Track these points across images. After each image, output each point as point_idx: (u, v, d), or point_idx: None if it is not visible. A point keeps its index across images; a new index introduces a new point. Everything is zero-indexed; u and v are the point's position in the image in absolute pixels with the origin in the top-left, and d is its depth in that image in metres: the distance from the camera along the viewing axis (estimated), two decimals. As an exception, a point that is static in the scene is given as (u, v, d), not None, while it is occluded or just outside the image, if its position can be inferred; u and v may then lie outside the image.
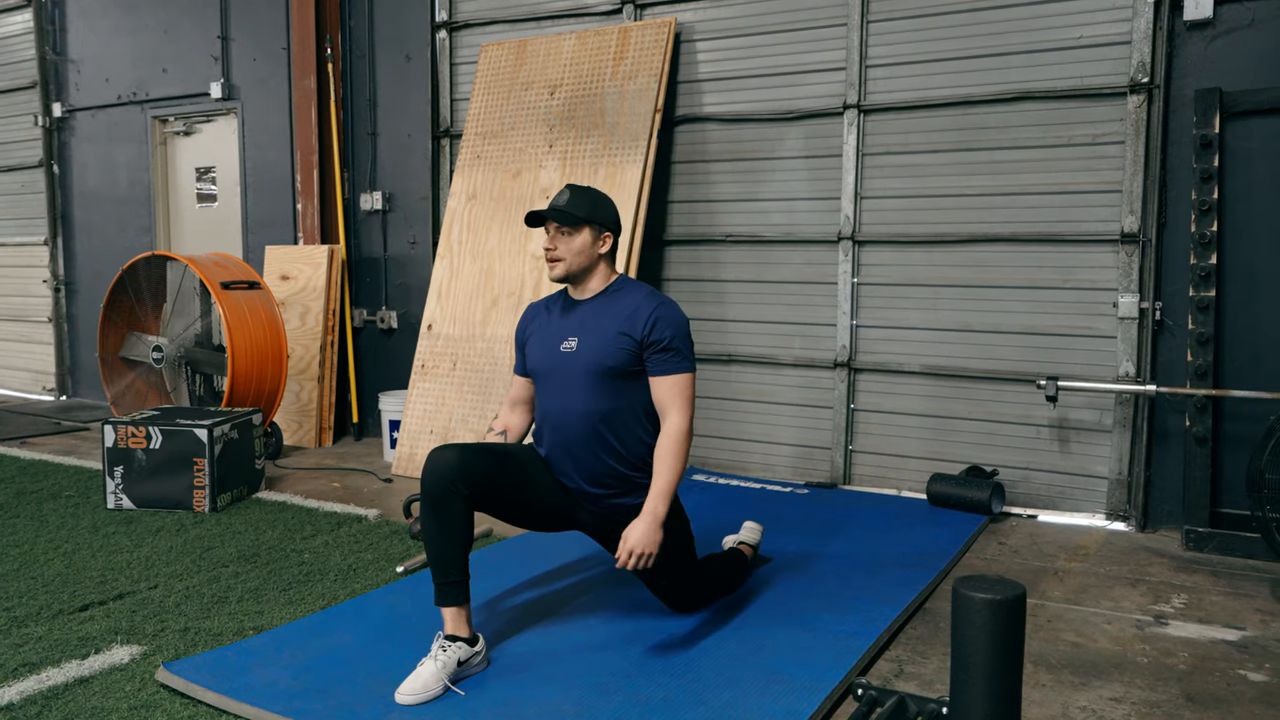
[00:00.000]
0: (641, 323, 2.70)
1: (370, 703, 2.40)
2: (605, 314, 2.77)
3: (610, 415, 2.72)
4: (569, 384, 2.75)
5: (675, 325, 2.73)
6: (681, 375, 2.71)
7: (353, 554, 3.67)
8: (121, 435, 4.26)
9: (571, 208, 2.75)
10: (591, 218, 2.77)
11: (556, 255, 2.77)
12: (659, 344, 2.70)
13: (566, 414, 2.75)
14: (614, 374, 2.72)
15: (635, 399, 2.74)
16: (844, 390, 4.74)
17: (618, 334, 2.72)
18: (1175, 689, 2.61)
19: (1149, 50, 4.02)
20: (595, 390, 2.72)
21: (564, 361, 2.77)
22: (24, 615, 3.02)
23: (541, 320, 2.91)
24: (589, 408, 2.72)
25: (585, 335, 2.76)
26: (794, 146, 4.82)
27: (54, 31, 7.44)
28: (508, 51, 5.41)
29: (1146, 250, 4.08)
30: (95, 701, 2.44)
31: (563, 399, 2.76)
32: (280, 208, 6.36)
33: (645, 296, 2.79)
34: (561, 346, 2.79)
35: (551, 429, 2.80)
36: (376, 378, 6.03)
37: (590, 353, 2.73)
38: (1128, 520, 4.15)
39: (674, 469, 2.63)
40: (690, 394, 2.72)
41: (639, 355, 2.72)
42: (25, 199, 7.73)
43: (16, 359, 7.97)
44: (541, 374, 2.84)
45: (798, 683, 2.51)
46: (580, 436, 2.73)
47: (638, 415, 2.75)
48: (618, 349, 2.71)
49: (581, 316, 2.81)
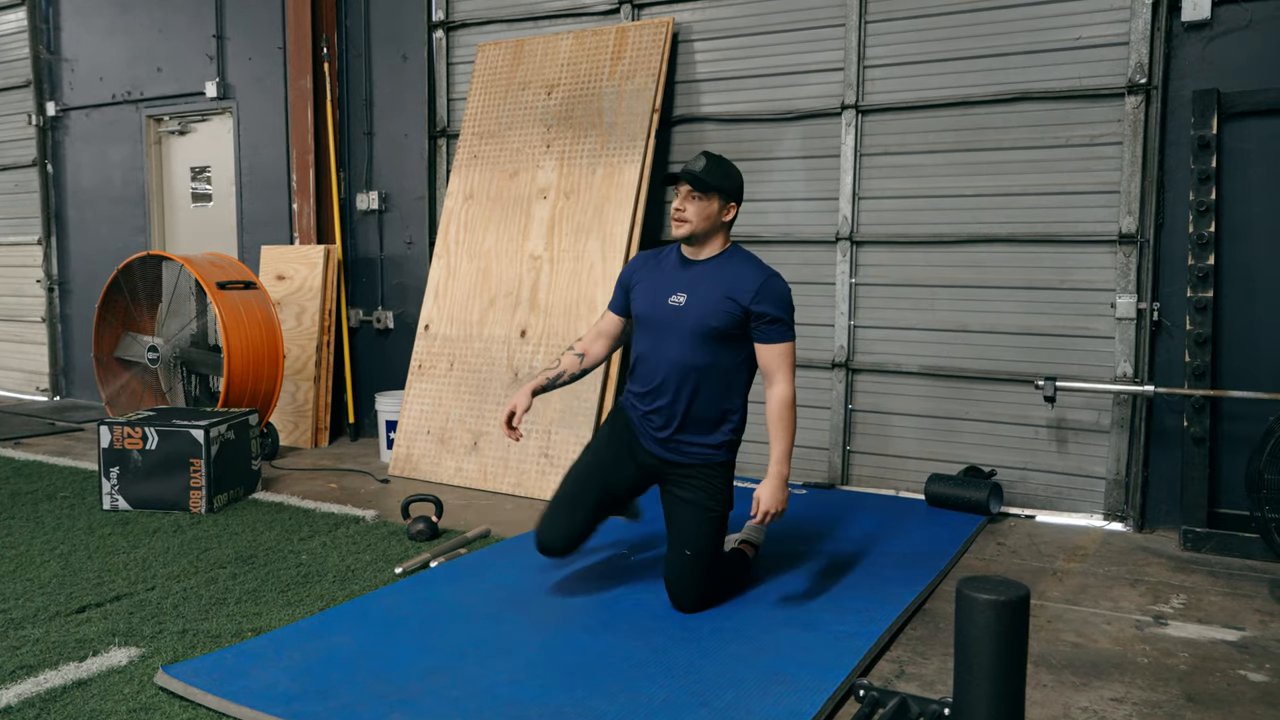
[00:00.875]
0: (751, 292, 2.91)
1: (371, 704, 2.38)
2: (716, 278, 2.97)
3: (703, 370, 2.96)
4: (670, 335, 2.99)
5: (781, 297, 2.94)
6: (786, 344, 2.95)
7: (351, 555, 3.66)
8: (118, 436, 4.24)
9: (706, 174, 2.95)
10: (722, 186, 2.98)
11: (685, 216, 2.97)
12: (765, 316, 2.91)
13: (662, 361, 3.00)
14: (715, 334, 2.93)
15: (728, 359, 2.98)
16: (842, 391, 4.74)
17: (725, 298, 2.92)
18: (1176, 689, 2.61)
19: (1147, 51, 4.02)
20: (694, 346, 2.95)
21: (670, 314, 2.99)
22: (20, 617, 3.01)
23: (652, 269, 3.14)
24: (685, 360, 2.96)
25: (694, 294, 2.97)
26: (792, 147, 4.82)
27: (48, 30, 7.41)
28: (505, 51, 5.40)
29: (1144, 251, 4.08)
30: (94, 704, 2.42)
31: (662, 347, 3.01)
32: (276, 207, 6.34)
33: (755, 267, 2.99)
34: (670, 300, 3.00)
35: (646, 370, 3.07)
36: (373, 378, 6.02)
37: (696, 311, 2.95)
38: (1126, 521, 4.16)
39: (788, 432, 2.94)
40: (793, 360, 2.97)
41: (743, 321, 2.93)
42: (19, 198, 7.69)
43: (10, 359, 7.93)
44: (645, 321, 3.08)
45: (800, 683, 2.50)
46: (674, 382, 2.98)
47: (727, 375, 2.99)
48: (723, 312, 2.92)
49: (693, 276, 3.01)
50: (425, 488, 4.69)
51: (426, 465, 5.01)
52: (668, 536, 3.08)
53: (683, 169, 2.97)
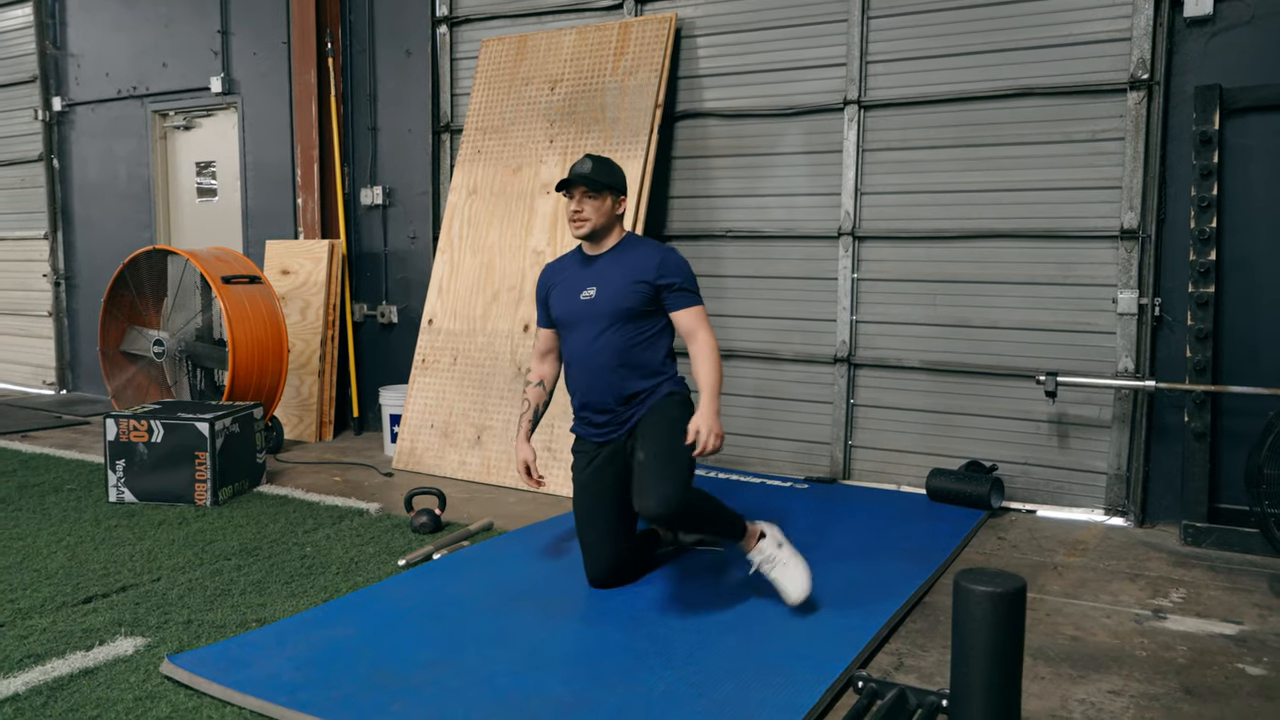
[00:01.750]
0: (654, 269, 3.14)
1: (372, 693, 2.41)
2: (619, 265, 3.20)
3: (627, 346, 3.15)
4: (589, 326, 3.18)
5: (682, 267, 3.19)
6: (697, 306, 3.17)
7: (354, 547, 3.68)
8: (123, 429, 4.27)
9: (597, 174, 3.17)
10: (612, 183, 3.20)
11: (584, 216, 3.18)
12: (673, 285, 3.14)
13: (590, 350, 3.18)
14: (629, 314, 3.15)
15: (645, 331, 3.18)
16: (844, 385, 4.75)
17: (633, 281, 3.14)
18: (1174, 682, 2.62)
19: (1149, 47, 4.03)
20: (612, 328, 3.15)
21: (585, 308, 3.19)
22: (28, 607, 3.04)
23: (560, 275, 3.34)
24: (609, 342, 3.15)
25: (603, 284, 3.18)
26: (794, 142, 4.83)
27: (54, 25, 7.44)
28: (508, 47, 5.41)
29: (1146, 246, 4.09)
30: (100, 693, 2.45)
31: (584, 340, 3.19)
32: (281, 202, 6.36)
33: (652, 247, 3.24)
34: (581, 295, 3.20)
35: (579, 366, 3.24)
36: (377, 372, 6.04)
37: (608, 299, 3.16)
38: (1126, 515, 4.17)
39: (714, 371, 3.08)
40: (707, 319, 3.18)
41: (654, 296, 3.15)
42: (25, 193, 7.73)
43: (17, 353, 7.97)
44: (566, 322, 3.27)
45: (798, 675, 2.52)
46: (605, 365, 3.16)
47: (650, 341, 3.19)
48: (633, 293, 3.14)
49: (598, 269, 3.22)
50: (429, 481, 4.71)
51: (430, 459, 5.04)
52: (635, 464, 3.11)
53: (572, 173, 3.17)
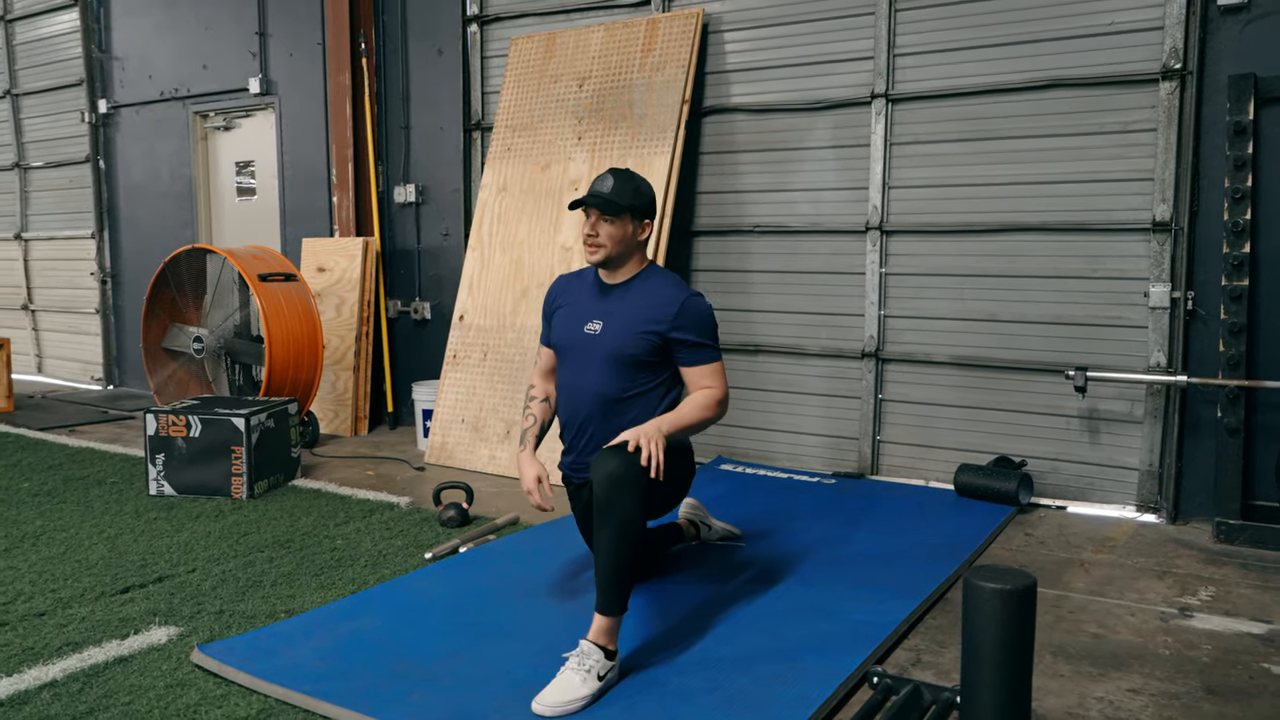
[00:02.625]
0: (669, 319, 2.77)
1: (393, 684, 2.47)
2: (633, 303, 2.85)
3: (621, 397, 2.84)
4: (587, 364, 2.87)
5: (701, 320, 2.80)
6: (712, 364, 2.81)
7: (383, 540, 3.75)
8: (163, 424, 4.38)
9: (616, 195, 2.79)
10: (634, 205, 2.82)
11: (598, 241, 2.81)
12: (686, 342, 2.78)
13: (581, 390, 2.88)
14: (632, 361, 2.81)
15: (648, 382, 2.84)
16: (871, 380, 4.74)
17: (643, 326, 2.80)
18: (1195, 681, 2.60)
19: (1182, 36, 3.96)
20: (611, 374, 2.83)
21: (586, 342, 2.88)
22: (69, 597, 3.14)
23: (570, 295, 3.02)
24: (603, 390, 2.84)
25: (610, 321, 2.86)
26: (822, 136, 4.81)
27: (99, 29, 7.62)
28: (537, 44, 5.45)
29: (1179, 239, 4.02)
30: (133, 680, 2.54)
31: (579, 376, 2.89)
32: (316, 201, 6.47)
33: (672, 289, 2.84)
34: (586, 328, 2.89)
35: (566, 399, 2.95)
36: (411, 367, 6.13)
37: (612, 339, 2.83)
38: (1159, 512, 4.11)
39: (694, 410, 2.72)
40: (723, 375, 2.83)
41: (662, 348, 2.80)
42: (73, 194, 7.94)
43: (66, 349, 8.20)
44: (563, 348, 2.97)
45: (812, 670, 2.53)
46: (592, 413, 2.87)
47: (649, 393, 2.85)
48: (640, 339, 2.80)
49: (610, 302, 2.89)
50: (459, 475, 4.78)
51: (461, 453, 5.11)
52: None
53: (590, 192, 2.82)
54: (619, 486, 2.49)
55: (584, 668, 2.39)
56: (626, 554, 2.49)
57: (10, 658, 2.66)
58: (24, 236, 8.31)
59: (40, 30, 8.00)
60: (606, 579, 2.49)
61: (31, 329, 8.42)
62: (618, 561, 2.48)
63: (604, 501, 2.50)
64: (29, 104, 8.18)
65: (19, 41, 8.18)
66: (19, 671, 2.57)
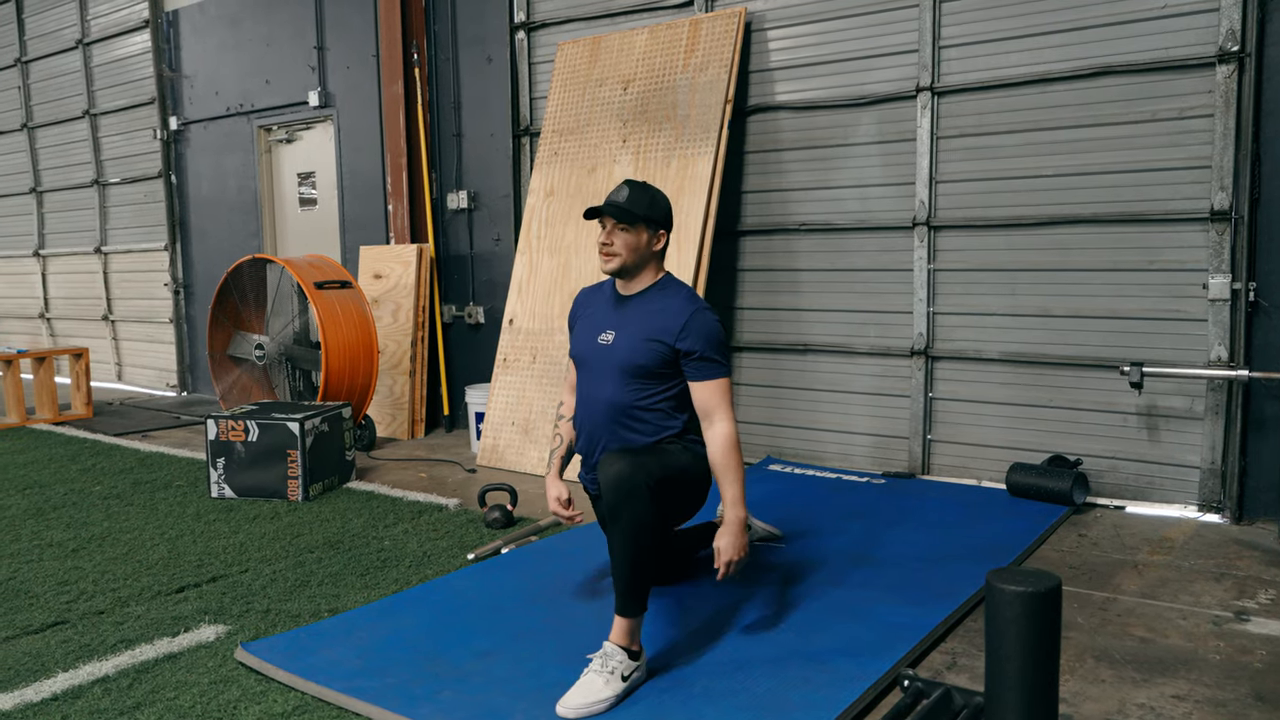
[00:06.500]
0: (676, 331, 2.78)
1: (425, 682, 2.52)
2: (645, 314, 2.86)
3: (633, 407, 2.84)
4: (601, 375, 2.89)
5: (709, 334, 2.79)
6: (719, 380, 2.78)
7: (429, 541, 3.83)
8: (223, 429, 4.54)
9: (631, 205, 2.80)
10: (649, 215, 2.83)
11: (613, 250, 2.83)
12: (693, 354, 2.77)
13: (595, 401, 2.91)
14: (642, 371, 2.82)
15: (660, 391, 2.85)
16: (921, 379, 4.66)
17: (652, 337, 2.81)
18: (1245, 688, 2.50)
19: (1239, 17, 3.81)
20: (622, 384, 2.84)
21: (600, 353, 2.90)
22: (127, 596, 3.28)
23: (590, 306, 3.06)
24: (615, 399, 2.86)
25: (622, 332, 2.88)
26: (867, 132, 4.75)
27: (169, 49, 7.92)
28: (583, 49, 5.49)
29: (1239, 228, 3.87)
30: (180, 676, 2.63)
31: (593, 387, 2.92)
32: (373, 209, 6.63)
33: (683, 302, 2.83)
34: (599, 339, 2.92)
35: (583, 408, 2.97)
36: (465, 371, 6.23)
37: (624, 350, 2.84)
38: (1222, 512, 3.96)
39: (737, 475, 2.72)
40: (729, 396, 2.80)
41: (671, 360, 2.80)
42: (148, 208, 8.27)
43: (143, 357, 8.54)
44: (580, 360, 3.00)
45: (841, 673, 2.51)
46: (605, 422, 2.88)
47: (661, 403, 2.85)
48: (648, 349, 2.81)
49: (624, 313, 2.91)
50: (509, 478, 4.84)
51: (511, 455, 5.17)
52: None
53: (606, 201, 2.83)
54: (625, 489, 2.49)
55: (607, 669, 2.41)
56: (638, 556, 2.49)
57: (68, 654, 2.79)
58: (103, 250, 8.68)
59: (115, 52, 8.34)
60: (621, 581, 2.49)
61: (111, 338, 8.78)
62: (630, 563, 2.48)
63: (612, 504, 2.51)
64: (106, 123, 8.54)
65: (96, 64, 8.54)
66: (74, 667, 2.69)
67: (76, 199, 8.93)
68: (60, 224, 9.15)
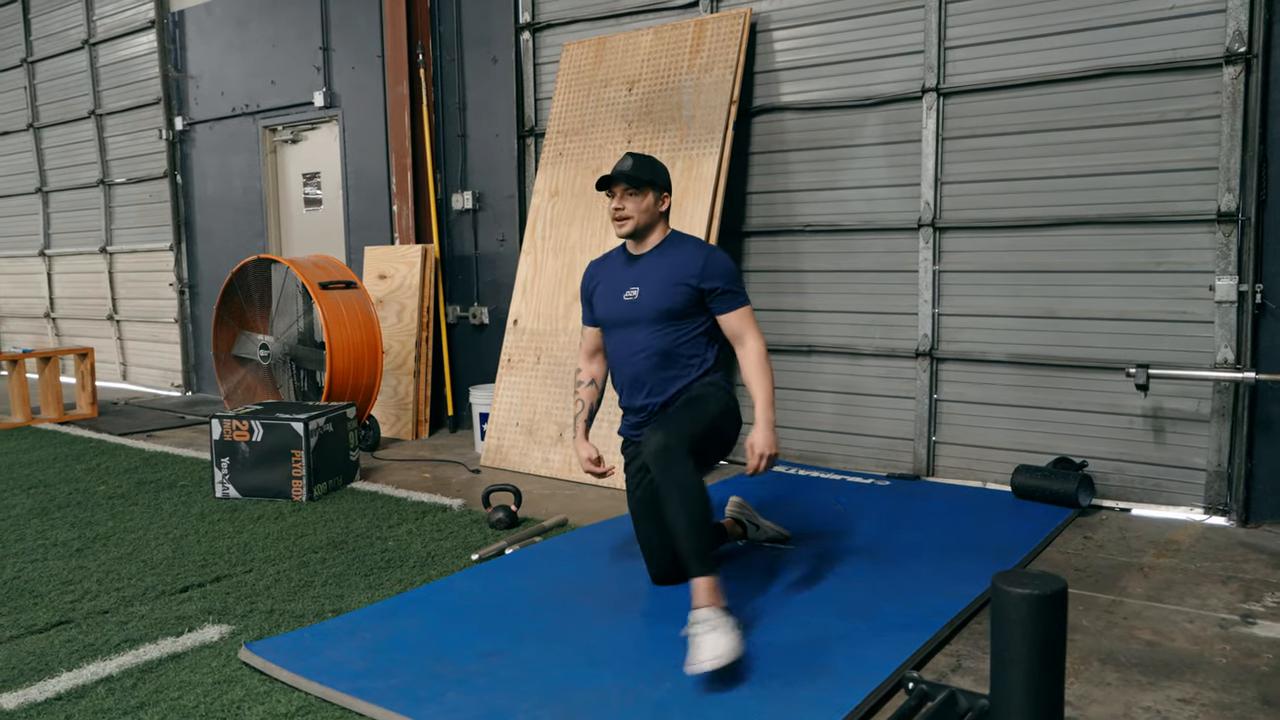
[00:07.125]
0: (697, 272, 3.08)
1: (429, 683, 2.51)
2: (663, 265, 3.14)
3: (671, 347, 3.12)
4: (634, 327, 3.15)
5: (726, 269, 3.12)
6: (743, 308, 3.12)
7: (433, 541, 3.82)
8: (227, 429, 4.54)
9: (637, 171, 3.12)
10: (654, 180, 3.15)
11: (625, 214, 3.14)
12: (717, 289, 3.09)
13: (634, 352, 3.15)
14: (673, 314, 3.10)
15: (691, 329, 3.13)
16: (926, 380, 4.65)
17: (676, 282, 3.10)
18: (1251, 691, 2.49)
19: (1246, 18, 3.79)
20: (658, 330, 3.12)
21: (629, 309, 3.16)
22: (132, 595, 3.28)
23: (604, 275, 3.30)
24: (654, 345, 3.12)
25: (645, 285, 3.14)
26: (872, 133, 4.75)
27: (175, 50, 7.94)
28: (588, 49, 5.49)
29: (1246, 230, 3.86)
30: (184, 676, 2.63)
31: (628, 342, 3.17)
32: (378, 209, 6.63)
33: (696, 247, 3.16)
34: (625, 296, 3.17)
35: (621, 366, 3.21)
36: (470, 372, 6.23)
37: (651, 299, 3.12)
38: (1228, 514, 3.95)
39: (767, 382, 3.04)
40: (754, 319, 3.14)
41: (697, 299, 3.10)
42: (153, 208, 8.28)
43: (148, 357, 8.55)
44: (609, 322, 3.25)
45: (845, 675, 2.50)
46: (649, 368, 3.14)
47: (694, 340, 3.13)
48: (676, 292, 3.09)
49: (641, 269, 3.18)
50: (514, 478, 4.84)
51: (516, 456, 5.17)
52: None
53: (614, 170, 3.12)
54: (668, 457, 2.75)
55: (714, 627, 2.52)
56: (696, 515, 2.74)
57: (72, 653, 2.79)
58: (109, 250, 8.70)
59: (120, 53, 8.36)
60: (688, 544, 2.71)
61: (116, 338, 8.80)
62: (690, 525, 2.72)
63: (660, 473, 2.76)
64: (111, 123, 8.56)
65: (102, 64, 8.56)
66: (78, 667, 2.69)
67: (82, 199, 8.95)
68: (66, 224, 9.18)
